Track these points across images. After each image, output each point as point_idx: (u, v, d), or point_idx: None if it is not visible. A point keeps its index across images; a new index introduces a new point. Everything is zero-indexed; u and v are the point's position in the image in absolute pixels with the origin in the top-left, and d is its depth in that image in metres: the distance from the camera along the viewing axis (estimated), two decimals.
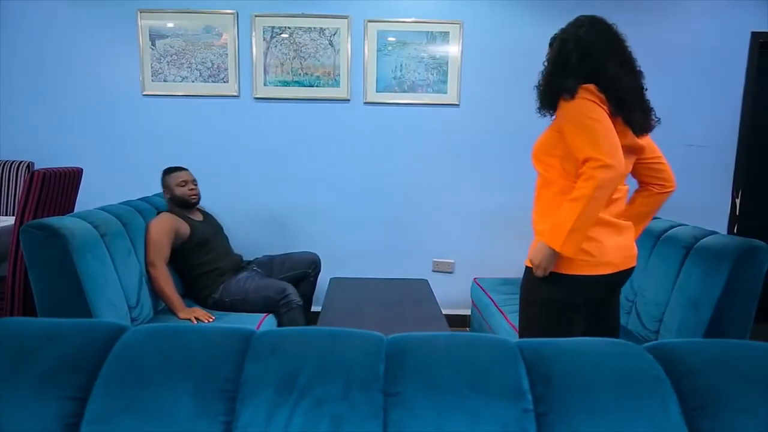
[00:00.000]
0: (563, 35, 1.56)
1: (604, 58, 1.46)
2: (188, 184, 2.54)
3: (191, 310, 2.31)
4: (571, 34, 1.53)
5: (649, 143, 1.60)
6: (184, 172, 2.57)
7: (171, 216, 2.45)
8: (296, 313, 2.42)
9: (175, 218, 2.45)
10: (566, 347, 0.83)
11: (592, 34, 1.50)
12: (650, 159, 1.62)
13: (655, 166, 1.63)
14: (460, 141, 3.18)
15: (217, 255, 2.56)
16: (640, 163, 1.62)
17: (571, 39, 1.51)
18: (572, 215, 1.42)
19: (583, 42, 1.49)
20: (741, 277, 1.82)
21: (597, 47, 1.47)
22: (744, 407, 0.74)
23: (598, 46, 1.47)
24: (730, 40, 3.09)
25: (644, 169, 1.64)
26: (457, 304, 3.28)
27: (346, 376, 0.76)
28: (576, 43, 1.50)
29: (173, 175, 2.54)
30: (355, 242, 3.26)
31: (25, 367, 0.76)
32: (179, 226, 2.43)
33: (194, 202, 2.56)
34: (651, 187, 1.66)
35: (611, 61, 1.45)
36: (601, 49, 1.47)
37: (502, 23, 3.09)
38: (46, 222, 1.82)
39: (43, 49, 3.05)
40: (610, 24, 1.53)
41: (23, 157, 3.09)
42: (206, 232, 2.55)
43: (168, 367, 0.77)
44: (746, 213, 3.27)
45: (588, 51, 1.47)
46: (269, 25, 3.06)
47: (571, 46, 1.50)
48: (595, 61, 1.46)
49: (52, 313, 1.85)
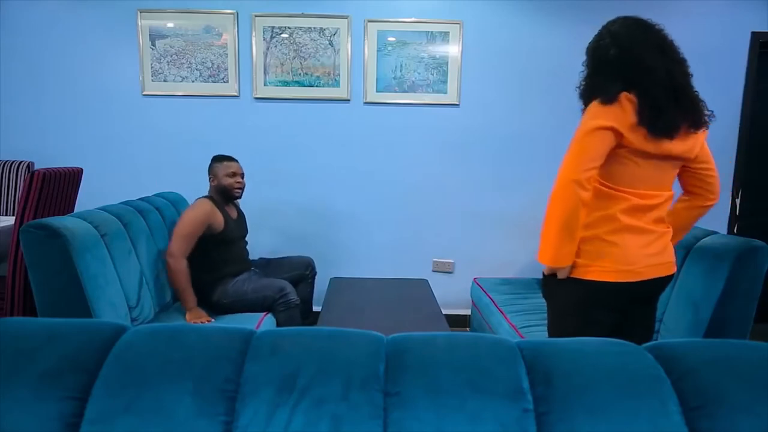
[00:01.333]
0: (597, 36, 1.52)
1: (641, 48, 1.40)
2: (236, 176, 2.54)
3: (199, 315, 2.31)
4: (604, 32, 1.50)
5: (703, 151, 1.54)
6: (235, 163, 2.56)
7: (209, 205, 2.44)
8: (294, 312, 2.42)
9: (212, 208, 2.44)
10: (566, 347, 0.83)
11: (624, 27, 1.45)
12: (699, 168, 1.55)
13: (702, 175, 1.57)
14: (460, 141, 3.18)
15: (232, 258, 2.54)
16: (687, 170, 1.56)
17: (606, 35, 1.48)
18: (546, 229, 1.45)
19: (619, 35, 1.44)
20: (741, 277, 1.82)
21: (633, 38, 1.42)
22: (744, 407, 0.74)
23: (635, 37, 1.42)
24: (730, 40, 3.10)
25: (690, 178, 1.58)
26: (457, 304, 3.28)
27: (346, 376, 0.76)
28: (612, 38, 1.45)
29: (224, 164, 2.53)
30: (355, 242, 3.26)
31: (25, 367, 0.76)
32: (214, 219, 2.43)
33: (237, 195, 2.57)
34: (694, 197, 1.60)
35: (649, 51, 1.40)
36: (637, 39, 1.42)
37: (502, 23, 3.09)
38: (46, 222, 1.82)
39: (43, 49, 3.06)
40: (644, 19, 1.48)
41: (23, 157, 3.09)
42: (234, 234, 2.55)
43: (168, 367, 0.77)
44: (746, 213, 3.27)
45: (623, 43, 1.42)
46: (269, 25, 3.06)
47: (608, 42, 1.46)
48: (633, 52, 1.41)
49: (52, 313, 1.85)
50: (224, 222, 2.48)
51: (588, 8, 3.03)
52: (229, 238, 2.51)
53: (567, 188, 1.37)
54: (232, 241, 2.52)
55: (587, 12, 3.03)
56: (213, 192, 2.55)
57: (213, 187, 2.55)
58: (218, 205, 2.49)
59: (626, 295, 1.48)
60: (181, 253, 2.33)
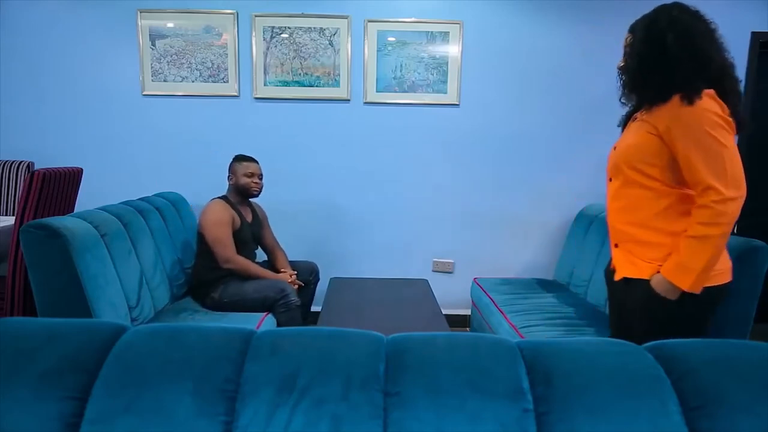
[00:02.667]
0: (650, 15, 1.37)
1: (706, 39, 1.29)
2: (254, 177, 2.61)
3: (286, 278, 2.56)
4: (661, 13, 1.35)
5: None
6: (254, 164, 2.64)
7: (225, 205, 2.52)
8: (295, 313, 2.42)
9: (229, 208, 2.53)
10: (566, 347, 0.83)
11: (684, 14, 1.33)
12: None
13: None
14: (460, 141, 3.18)
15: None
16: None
17: (663, 18, 1.33)
18: (702, 256, 1.30)
19: (680, 21, 1.31)
20: (741, 277, 1.81)
21: (696, 27, 1.30)
22: (744, 407, 0.74)
23: (698, 26, 1.31)
24: (730, 40, 3.05)
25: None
26: (457, 304, 3.28)
27: (346, 376, 0.76)
28: (669, 23, 1.31)
29: (244, 164, 2.60)
30: (355, 242, 3.26)
31: (25, 367, 0.76)
32: (233, 219, 2.52)
33: (255, 194, 2.64)
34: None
35: (714, 44, 1.30)
36: (701, 29, 1.30)
37: (502, 23, 3.09)
38: (46, 222, 1.82)
39: (43, 49, 3.05)
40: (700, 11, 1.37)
41: (23, 157, 3.09)
42: (247, 236, 2.60)
43: (168, 367, 0.77)
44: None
45: (686, 30, 1.29)
46: (269, 25, 3.06)
47: (664, 26, 1.32)
48: (696, 42, 1.29)
49: (52, 313, 1.85)
50: (240, 224, 2.55)
51: (588, 8, 3.02)
52: (241, 240, 2.54)
53: (737, 209, 1.30)
54: (243, 244, 2.55)
55: (587, 12, 3.03)
56: (231, 190, 2.63)
57: (231, 186, 2.62)
58: (233, 206, 2.56)
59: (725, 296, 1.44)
60: (232, 253, 2.45)
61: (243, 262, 2.48)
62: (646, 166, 1.39)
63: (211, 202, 2.55)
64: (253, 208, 2.74)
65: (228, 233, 2.47)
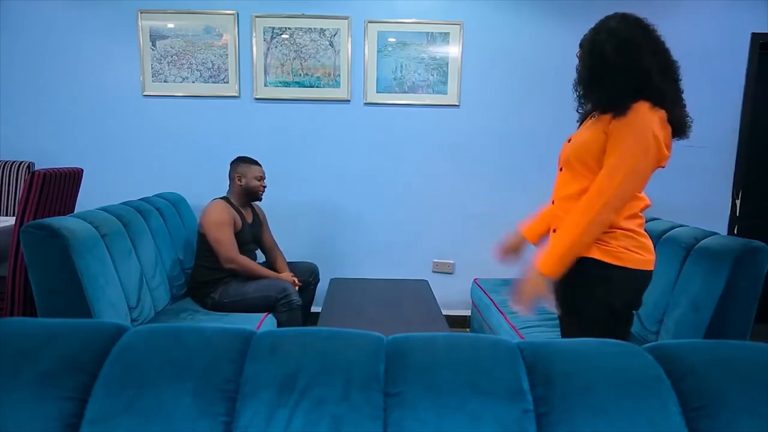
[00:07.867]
0: (594, 28, 1.48)
1: (640, 49, 1.38)
2: (262, 181, 2.66)
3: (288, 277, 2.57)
4: (602, 25, 1.46)
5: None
6: (261, 167, 2.68)
7: (226, 206, 2.53)
8: (296, 313, 2.42)
9: (230, 209, 2.53)
10: (566, 348, 0.83)
11: (622, 23, 1.42)
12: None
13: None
14: (460, 142, 3.18)
15: None
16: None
17: (603, 30, 1.44)
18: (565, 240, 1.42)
19: (617, 31, 1.41)
20: (741, 278, 1.82)
21: (633, 35, 1.40)
22: (744, 407, 0.74)
23: (634, 34, 1.40)
24: (731, 41, 3.10)
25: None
26: (457, 304, 3.28)
27: (346, 376, 0.76)
28: (608, 34, 1.42)
29: (253, 168, 2.63)
30: (355, 242, 3.26)
31: (25, 367, 0.76)
32: (234, 220, 2.53)
33: (261, 198, 2.69)
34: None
35: (647, 53, 1.39)
36: (636, 37, 1.40)
37: (502, 24, 3.09)
38: (46, 222, 1.82)
39: (43, 49, 3.06)
40: (641, 18, 1.45)
41: (23, 157, 3.09)
42: (247, 237, 2.61)
43: (168, 368, 0.77)
44: (746, 213, 3.27)
45: (623, 40, 1.39)
46: (269, 26, 3.06)
47: (604, 37, 1.43)
48: (631, 51, 1.38)
49: (52, 313, 1.85)
50: (241, 226, 2.55)
51: (588, 8, 3.02)
52: (242, 241, 2.55)
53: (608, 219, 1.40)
54: (242, 245, 2.55)
55: (587, 12, 3.01)
56: (236, 191, 2.62)
57: (239, 187, 2.61)
58: (234, 207, 2.56)
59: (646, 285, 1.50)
60: (235, 254, 2.46)
61: (246, 263, 2.49)
62: (594, 162, 1.46)
63: (212, 202, 2.55)
64: (253, 209, 2.74)
65: (230, 234, 2.47)
